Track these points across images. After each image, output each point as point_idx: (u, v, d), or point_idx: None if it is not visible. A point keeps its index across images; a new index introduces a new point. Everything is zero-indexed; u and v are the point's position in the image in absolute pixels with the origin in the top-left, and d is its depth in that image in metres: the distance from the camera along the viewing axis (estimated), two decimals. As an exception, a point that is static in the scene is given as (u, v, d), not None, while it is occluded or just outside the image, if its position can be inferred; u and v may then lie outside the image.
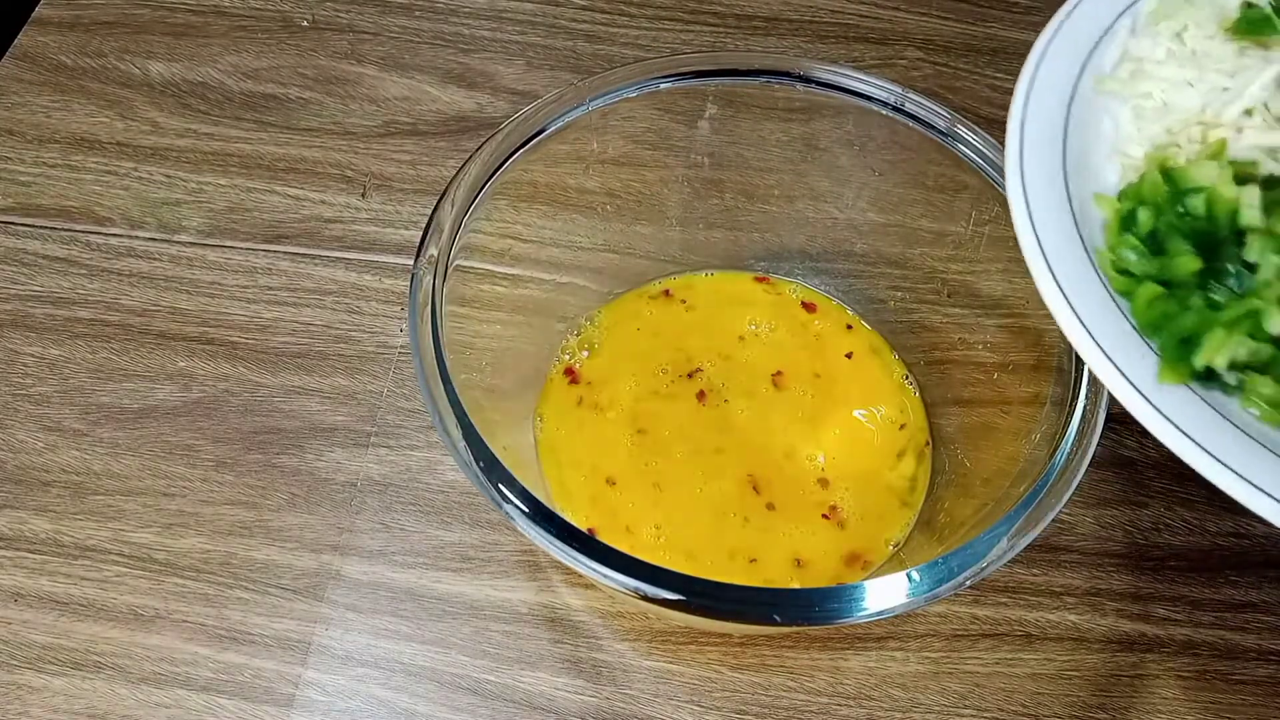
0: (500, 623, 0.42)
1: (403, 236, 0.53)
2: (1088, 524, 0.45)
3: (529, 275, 0.45)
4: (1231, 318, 0.29)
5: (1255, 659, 0.42)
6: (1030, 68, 0.34)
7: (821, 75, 0.42)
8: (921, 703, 0.41)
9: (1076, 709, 0.41)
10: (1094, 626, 0.42)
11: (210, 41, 0.59)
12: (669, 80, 0.42)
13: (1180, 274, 0.30)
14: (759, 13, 0.62)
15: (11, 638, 0.41)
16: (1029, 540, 0.32)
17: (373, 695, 0.40)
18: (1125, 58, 0.34)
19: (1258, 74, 0.31)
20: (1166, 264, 0.30)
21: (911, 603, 0.31)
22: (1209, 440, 0.27)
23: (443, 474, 0.45)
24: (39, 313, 0.50)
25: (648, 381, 0.45)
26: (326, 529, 0.44)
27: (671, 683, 0.41)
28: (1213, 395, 0.29)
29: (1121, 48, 0.34)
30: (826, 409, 0.45)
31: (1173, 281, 0.30)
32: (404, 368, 0.48)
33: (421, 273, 0.37)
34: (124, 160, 0.55)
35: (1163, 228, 0.30)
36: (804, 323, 0.48)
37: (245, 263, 0.51)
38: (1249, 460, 0.27)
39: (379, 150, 0.56)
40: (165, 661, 0.41)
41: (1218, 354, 0.29)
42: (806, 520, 0.42)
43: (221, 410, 0.47)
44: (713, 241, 0.49)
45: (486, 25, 0.61)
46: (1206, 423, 0.28)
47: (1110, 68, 0.34)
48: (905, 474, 0.44)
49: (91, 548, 0.43)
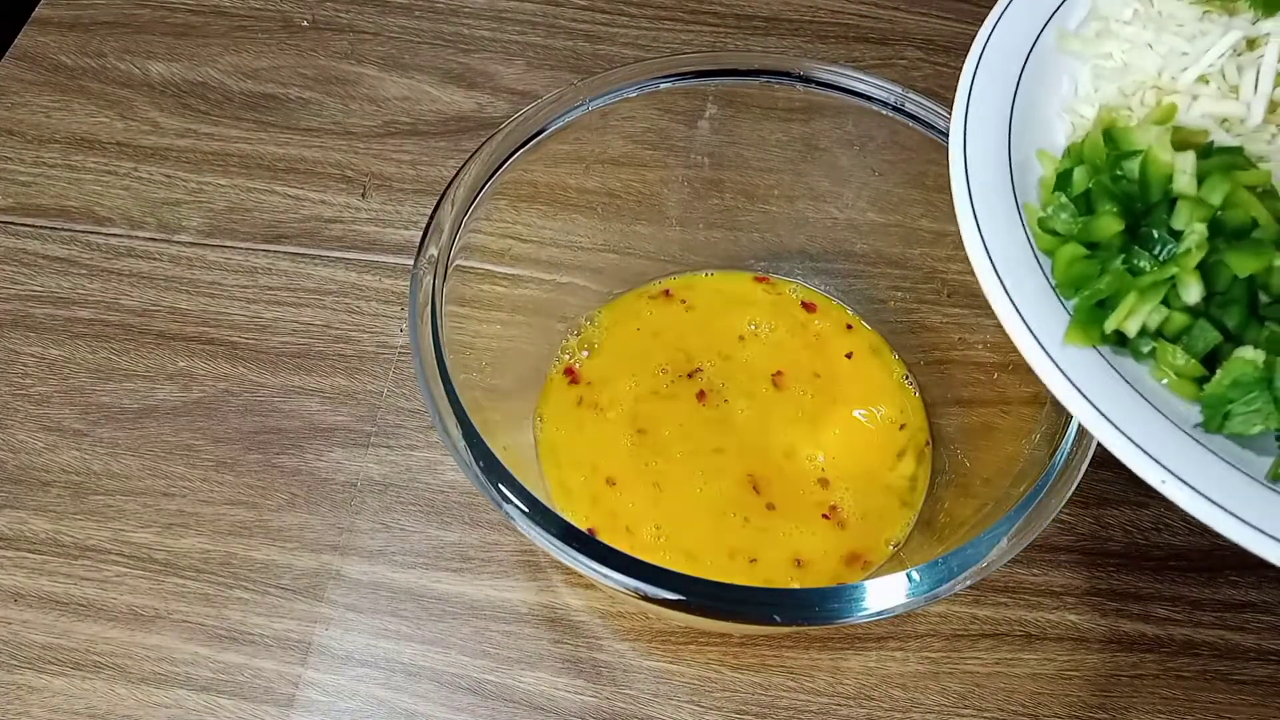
0: (500, 623, 0.42)
1: (403, 236, 0.53)
2: (1088, 524, 0.45)
3: (529, 275, 0.45)
4: (1147, 284, 0.28)
5: (1255, 659, 0.42)
6: (993, 18, 0.33)
7: (821, 75, 0.42)
8: (921, 703, 0.41)
9: (1076, 709, 0.41)
10: (1094, 626, 0.42)
11: (210, 41, 0.59)
12: (669, 80, 0.42)
13: (1103, 235, 0.29)
14: (759, 13, 0.62)
15: (11, 638, 0.41)
16: (1029, 540, 0.32)
17: (373, 695, 0.40)
18: (1093, 15, 0.33)
19: (1215, 40, 0.31)
20: (1091, 224, 0.29)
21: (911, 603, 0.31)
22: (1107, 404, 0.27)
23: (443, 474, 0.45)
24: (39, 313, 0.50)
25: (648, 381, 0.45)
26: (326, 529, 0.44)
27: (671, 683, 0.41)
28: (1123, 362, 0.29)
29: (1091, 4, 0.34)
30: (826, 409, 0.45)
31: (1097, 243, 0.30)
32: (404, 368, 0.48)
33: (421, 273, 0.37)
34: (124, 160, 0.55)
35: (1095, 188, 0.30)
36: (804, 323, 0.48)
37: (245, 263, 0.51)
38: (1146, 427, 0.26)
39: (379, 150, 0.56)
40: (165, 661, 0.41)
41: (1128, 319, 0.28)
42: (806, 520, 0.42)
43: (221, 410, 0.47)
44: (713, 241, 0.49)
45: (486, 25, 0.61)
46: (1108, 387, 0.27)
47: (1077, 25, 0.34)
48: (905, 474, 0.44)
49: (91, 548, 0.43)
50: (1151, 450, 0.26)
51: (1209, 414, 0.27)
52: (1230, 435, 0.27)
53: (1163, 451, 0.26)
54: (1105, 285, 0.28)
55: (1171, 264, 0.28)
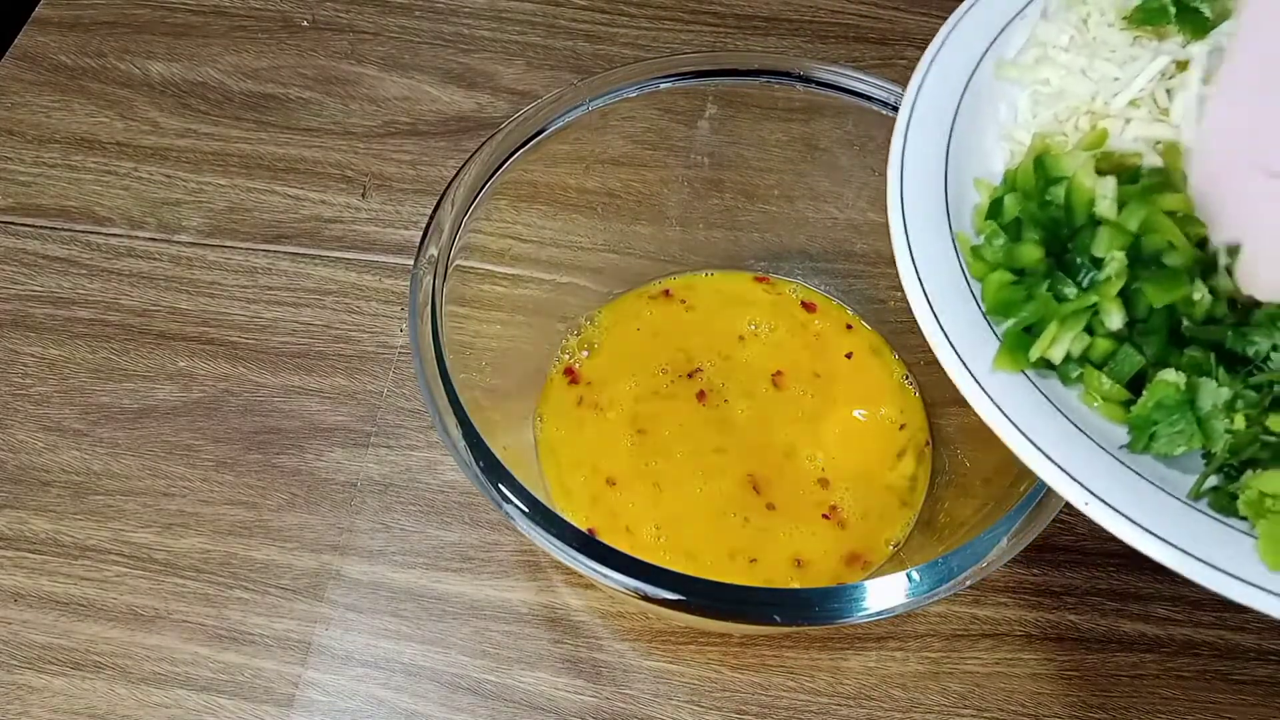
0: (500, 623, 0.42)
1: (403, 236, 0.53)
2: (1088, 524, 0.44)
3: (529, 275, 0.45)
4: (1070, 311, 0.28)
5: (1255, 659, 0.42)
6: (935, 45, 0.34)
7: (821, 75, 0.42)
8: (921, 703, 0.41)
9: (1076, 709, 0.41)
10: (1094, 626, 0.42)
11: (210, 41, 0.59)
12: (669, 80, 0.42)
13: (1026, 262, 0.30)
14: (759, 13, 0.62)
15: (11, 638, 0.41)
16: (1029, 540, 0.32)
17: (373, 695, 0.40)
18: (1032, 42, 0.34)
19: (1145, 65, 0.31)
20: (1014, 251, 0.30)
21: (911, 603, 0.31)
22: (1034, 429, 0.27)
23: (443, 474, 0.45)
24: (39, 313, 0.50)
25: (648, 381, 0.45)
26: (326, 529, 0.44)
27: (671, 683, 0.41)
28: (1053, 385, 0.29)
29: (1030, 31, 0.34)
30: (826, 409, 0.45)
31: (1024, 270, 0.30)
32: (404, 368, 0.48)
33: (421, 273, 0.37)
34: (124, 160, 0.55)
35: (1024, 215, 0.30)
36: (804, 322, 0.48)
37: (245, 263, 0.51)
38: (1071, 450, 0.27)
39: (379, 150, 0.56)
40: (165, 661, 0.41)
41: (1053, 347, 0.28)
42: (806, 520, 0.42)
43: (221, 410, 0.47)
44: (713, 241, 0.49)
45: (486, 25, 0.61)
46: (1035, 411, 0.28)
47: (1015, 52, 0.34)
48: (905, 474, 0.44)
49: (91, 548, 0.43)
50: (1075, 472, 0.26)
51: (1135, 436, 0.28)
52: (1156, 456, 0.28)
53: (1086, 473, 0.26)
54: (1030, 312, 0.29)
55: (1093, 291, 0.29)
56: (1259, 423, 0.27)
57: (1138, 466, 0.27)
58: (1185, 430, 0.27)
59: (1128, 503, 0.26)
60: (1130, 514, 0.26)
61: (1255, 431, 0.27)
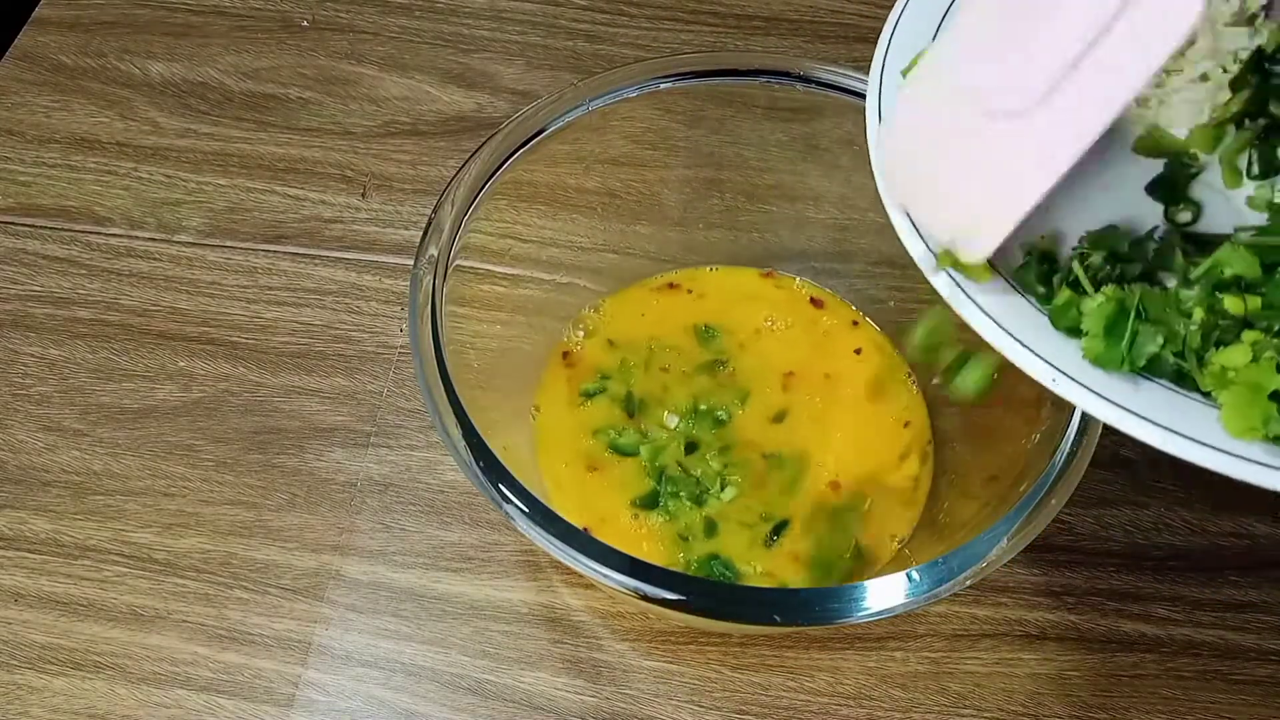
0: (500, 623, 0.42)
1: (403, 236, 0.53)
2: (1088, 524, 0.45)
3: (529, 275, 0.45)
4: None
5: (1255, 659, 0.42)
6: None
7: (821, 75, 0.42)
8: (921, 703, 0.41)
9: (1076, 709, 0.41)
10: (1094, 626, 0.42)
11: (210, 41, 0.59)
12: (669, 80, 0.42)
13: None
14: (759, 13, 0.62)
15: (11, 638, 0.41)
16: (1029, 540, 0.32)
17: (373, 695, 0.40)
18: None
19: None
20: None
21: (911, 603, 0.31)
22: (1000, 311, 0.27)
23: (443, 474, 0.45)
24: (39, 313, 0.50)
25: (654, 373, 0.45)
26: (326, 529, 0.44)
27: (671, 683, 0.41)
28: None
29: None
30: (833, 408, 0.45)
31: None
32: (404, 368, 0.48)
33: (421, 273, 0.37)
34: (124, 160, 0.55)
35: None
36: (813, 319, 0.48)
37: (245, 263, 0.51)
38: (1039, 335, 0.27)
39: (379, 150, 0.56)
40: (165, 661, 0.41)
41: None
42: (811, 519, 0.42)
43: (221, 410, 0.47)
44: (713, 242, 0.49)
45: (486, 25, 0.61)
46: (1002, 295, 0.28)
47: None
48: (909, 474, 0.44)
49: (91, 548, 0.43)
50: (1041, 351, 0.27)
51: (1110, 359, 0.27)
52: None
53: (1052, 352, 0.27)
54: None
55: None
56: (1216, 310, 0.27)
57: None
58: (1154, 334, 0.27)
59: (1095, 380, 0.26)
60: (1097, 389, 0.26)
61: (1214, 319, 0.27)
